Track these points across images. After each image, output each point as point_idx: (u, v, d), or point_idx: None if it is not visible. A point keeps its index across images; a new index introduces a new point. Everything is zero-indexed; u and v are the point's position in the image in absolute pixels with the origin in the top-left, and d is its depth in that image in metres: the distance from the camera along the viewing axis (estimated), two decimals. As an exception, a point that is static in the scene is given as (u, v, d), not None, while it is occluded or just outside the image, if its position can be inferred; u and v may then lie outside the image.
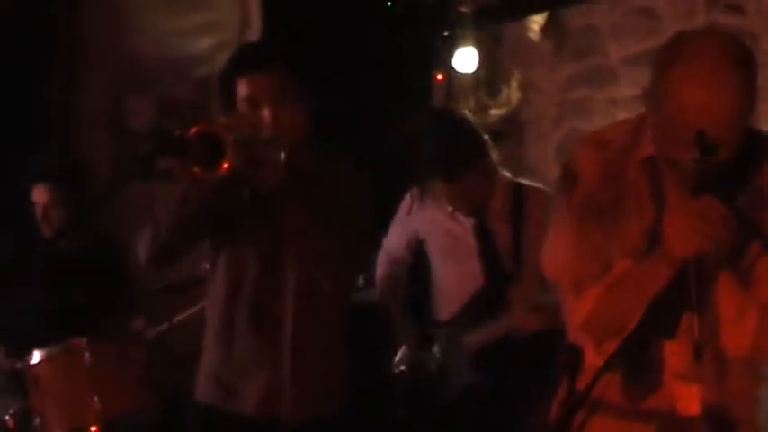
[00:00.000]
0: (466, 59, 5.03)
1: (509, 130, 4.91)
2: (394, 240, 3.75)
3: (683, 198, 2.00)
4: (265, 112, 2.45)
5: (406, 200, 3.68)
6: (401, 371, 3.66)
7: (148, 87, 4.32)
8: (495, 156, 3.49)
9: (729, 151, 1.98)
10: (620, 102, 4.15)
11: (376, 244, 3.86)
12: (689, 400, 2.13)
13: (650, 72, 2.03)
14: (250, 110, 2.47)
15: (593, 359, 2.22)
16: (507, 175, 3.56)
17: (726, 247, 1.96)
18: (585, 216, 2.15)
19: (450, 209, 3.51)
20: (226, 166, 2.23)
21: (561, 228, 2.20)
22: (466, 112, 4.33)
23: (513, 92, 5.04)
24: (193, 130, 2.24)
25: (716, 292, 2.07)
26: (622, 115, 4.09)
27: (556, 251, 2.22)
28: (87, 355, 3.45)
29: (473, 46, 5.02)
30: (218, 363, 2.61)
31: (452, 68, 5.14)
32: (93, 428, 3.37)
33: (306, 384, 2.57)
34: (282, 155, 2.32)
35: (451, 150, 3.35)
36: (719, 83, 1.92)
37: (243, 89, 2.49)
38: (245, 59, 2.57)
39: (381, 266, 3.80)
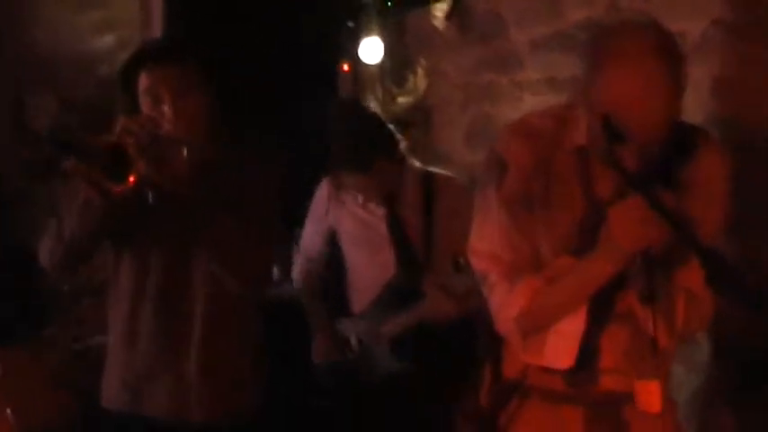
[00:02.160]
0: (371, 49, 5.02)
1: (417, 117, 4.92)
2: (309, 237, 3.75)
3: (616, 191, 2.02)
4: (166, 107, 2.41)
5: (320, 193, 3.68)
6: (319, 362, 3.66)
7: (49, 85, 4.22)
8: (403, 145, 3.51)
9: (658, 142, 2.01)
10: (525, 85, 4.17)
11: (290, 237, 3.84)
12: (649, 396, 2.14)
13: (580, 67, 2.05)
14: (151, 105, 2.43)
15: (517, 350, 2.24)
16: (417, 163, 3.59)
17: (671, 237, 1.97)
18: (516, 205, 2.15)
19: (361, 199, 3.52)
20: (132, 179, 2.19)
21: (490, 216, 2.20)
22: (371, 101, 4.34)
23: (419, 79, 5.05)
24: (97, 141, 2.19)
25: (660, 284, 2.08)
26: (528, 98, 4.14)
27: (484, 239, 2.21)
28: (-2, 366, 3.37)
29: (378, 35, 5.02)
30: (124, 365, 2.56)
31: (358, 58, 5.13)
32: (6, 441, 3.29)
33: (215, 384, 2.54)
34: (185, 151, 2.28)
35: (359, 141, 3.36)
36: (650, 78, 1.95)
37: (144, 82, 2.45)
38: (147, 52, 2.53)
39: (298, 264, 3.79)
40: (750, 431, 2.98)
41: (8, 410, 3.33)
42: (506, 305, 2.16)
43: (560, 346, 2.17)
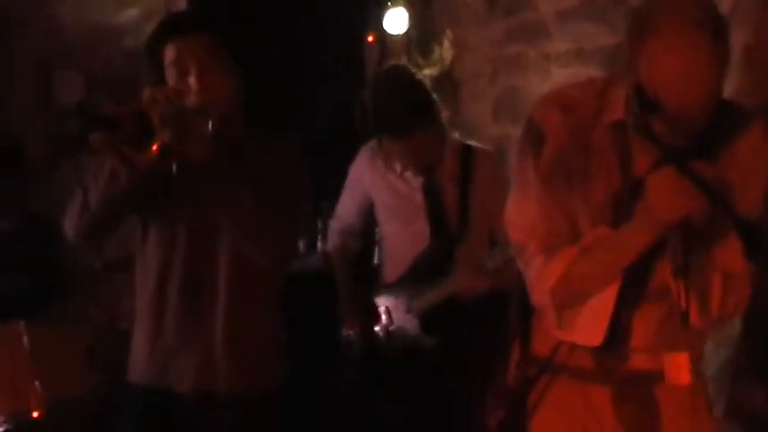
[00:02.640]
0: (397, 20, 5.00)
1: (444, 89, 4.89)
2: (344, 205, 3.75)
3: (653, 163, 2.00)
4: (192, 79, 2.40)
5: (357, 161, 3.67)
6: (349, 335, 3.66)
7: (74, 59, 4.23)
8: (444, 115, 3.50)
9: (703, 121, 1.97)
10: (553, 56, 4.14)
11: (315, 210, 3.84)
12: (678, 368, 2.15)
13: (624, 40, 2.01)
14: (177, 77, 2.42)
15: (552, 328, 2.22)
16: (456, 136, 3.58)
17: (709, 210, 1.95)
18: (553, 177, 2.13)
19: (399, 168, 3.51)
20: (155, 147, 2.18)
21: (527, 188, 2.17)
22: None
23: (445, 51, 5.02)
24: (122, 109, 2.18)
25: (692, 264, 2.05)
26: (556, 70, 4.11)
27: (522, 212, 2.19)
28: (25, 339, 3.39)
29: (403, 6, 5.00)
30: (151, 339, 2.55)
31: (383, 29, 5.11)
32: (34, 413, 3.31)
33: (241, 357, 2.53)
34: (210, 124, 2.27)
35: (405, 106, 3.35)
36: (696, 58, 1.91)
37: (170, 54, 2.44)
38: (173, 24, 2.51)
39: (333, 236, 3.80)
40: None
41: (36, 383, 3.36)
42: (543, 277, 2.14)
43: (591, 323, 2.15)
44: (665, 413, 2.20)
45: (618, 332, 2.16)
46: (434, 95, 3.46)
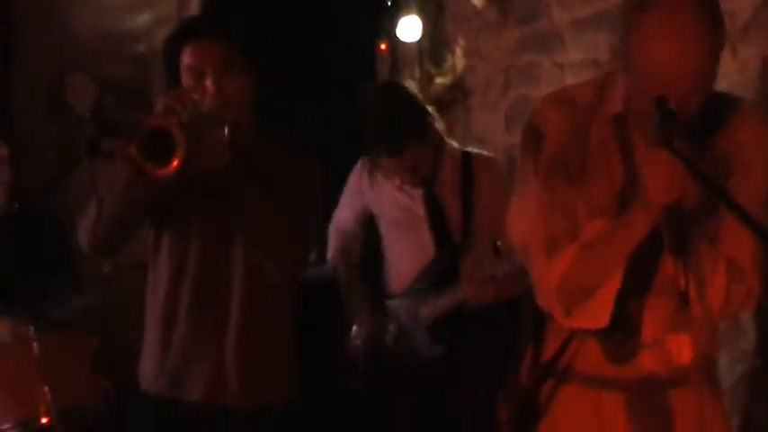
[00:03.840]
0: (410, 28, 5.00)
1: (456, 98, 4.88)
2: (343, 214, 3.73)
3: (653, 151, 1.98)
4: (209, 82, 2.39)
5: (356, 172, 3.66)
6: (357, 345, 3.64)
7: (87, 65, 4.23)
8: (441, 126, 3.48)
9: (694, 106, 1.97)
10: (567, 66, 4.11)
11: (326, 219, 3.82)
12: (679, 348, 2.15)
13: (618, 26, 2.00)
14: (193, 80, 2.41)
15: (560, 326, 2.21)
16: (455, 144, 3.55)
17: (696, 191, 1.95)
18: (553, 175, 2.12)
19: (398, 182, 3.50)
20: (176, 162, 2.16)
21: (527, 189, 2.17)
22: (408, 82, 4.31)
23: (457, 59, 5.01)
24: (141, 123, 2.16)
25: (695, 255, 2.04)
26: (570, 80, 4.07)
27: (523, 214, 2.18)
28: (35, 345, 3.38)
29: (417, 14, 4.99)
30: (162, 349, 2.54)
31: (396, 38, 5.10)
32: (43, 419, 3.30)
33: (252, 369, 2.51)
34: (226, 130, 2.25)
35: (392, 125, 3.33)
36: (688, 36, 1.90)
37: (187, 58, 2.43)
38: (191, 28, 2.51)
39: (332, 241, 3.77)
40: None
41: (45, 388, 3.35)
42: (546, 277, 2.13)
43: (598, 308, 2.13)
44: (678, 421, 2.18)
45: (627, 322, 2.15)
46: (428, 108, 3.45)
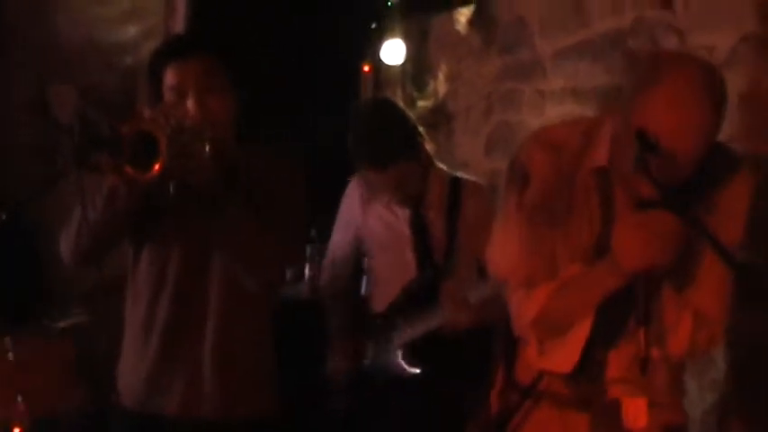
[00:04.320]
0: (393, 51, 5.03)
1: (437, 122, 4.91)
2: (338, 245, 3.73)
3: (632, 210, 2.03)
4: (190, 102, 2.40)
5: (349, 195, 3.66)
6: (336, 363, 3.65)
7: (73, 76, 4.23)
8: (430, 147, 3.49)
9: (694, 169, 2.02)
10: (548, 94, 4.15)
11: (308, 238, 3.83)
12: (636, 413, 2.21)
13: (626, 84, 2.06)
14: (176, 99, 2.42)
15: (533, 357, 2.25)
16: (444, 167, 3.57)
17: (674, 259, 2.00)
18: (537, 216, 2.18)
19: (386, 199, 3.51)
20: (158, 167, 2.17)
21: (510, 225, 2.22)
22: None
23: (439, 84, 5.05)
24: (128, 128, 2.18)
25: (659, 302, 2.12)
26: (551, 107, 4.12)
27: (504, 248, 2.25)
28: (11, 354, 3.36)
29: (401, 38, 5.02)
30: (139, 359, 2.54)
31: (380, 60, 5.13)
32: (16, 429, 3.29)
33: (229, 383, 2.52)
34: (207, 147, 2.27)
35: (380, 137, 3.34)
36: (695, 111, 1.96)
37: (169, 78, 2.44)
38: (172, 48, 2.53)
39: (326, 270, 3.78)
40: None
41: (19, 398, 3.33)
42: (523, 311, 2.21)
43: (565, 353, 2.22)
44: None
45: (593, 366, 2.22)
46: (419, 128, 3.46)
